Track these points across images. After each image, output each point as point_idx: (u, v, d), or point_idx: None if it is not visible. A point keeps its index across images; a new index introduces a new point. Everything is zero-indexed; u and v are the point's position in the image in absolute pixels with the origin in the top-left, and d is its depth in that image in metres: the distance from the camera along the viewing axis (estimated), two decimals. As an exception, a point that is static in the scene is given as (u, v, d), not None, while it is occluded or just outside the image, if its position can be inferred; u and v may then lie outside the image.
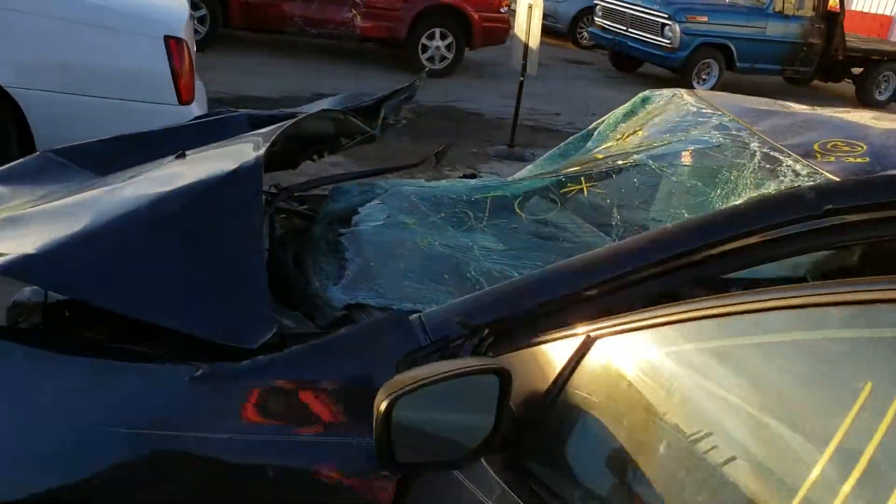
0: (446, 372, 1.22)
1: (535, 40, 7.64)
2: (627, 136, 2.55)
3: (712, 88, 11.96)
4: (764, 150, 1.90)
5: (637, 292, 1.60)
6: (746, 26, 12.03)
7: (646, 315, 1.19)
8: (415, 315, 1.64)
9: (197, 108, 4.61)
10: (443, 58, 10.46)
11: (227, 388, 1.52)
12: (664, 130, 2.35)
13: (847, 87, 13.68)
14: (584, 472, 1.28)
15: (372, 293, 1.81)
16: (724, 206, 1.77)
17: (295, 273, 1.96)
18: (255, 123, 2.54)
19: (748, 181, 1.81)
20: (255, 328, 1.60)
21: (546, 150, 8.48)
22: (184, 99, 4.48)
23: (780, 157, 1.85)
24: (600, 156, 2.35)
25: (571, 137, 3.09)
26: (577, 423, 1.29)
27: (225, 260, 1.68)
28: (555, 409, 1.31)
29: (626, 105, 2.97)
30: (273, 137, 1.96)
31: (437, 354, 1.59)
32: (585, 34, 14.65)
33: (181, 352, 1.66)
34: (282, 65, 9.64)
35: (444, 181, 2.75)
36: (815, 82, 13.83)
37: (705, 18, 11.78)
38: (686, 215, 1.81)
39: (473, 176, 3.07)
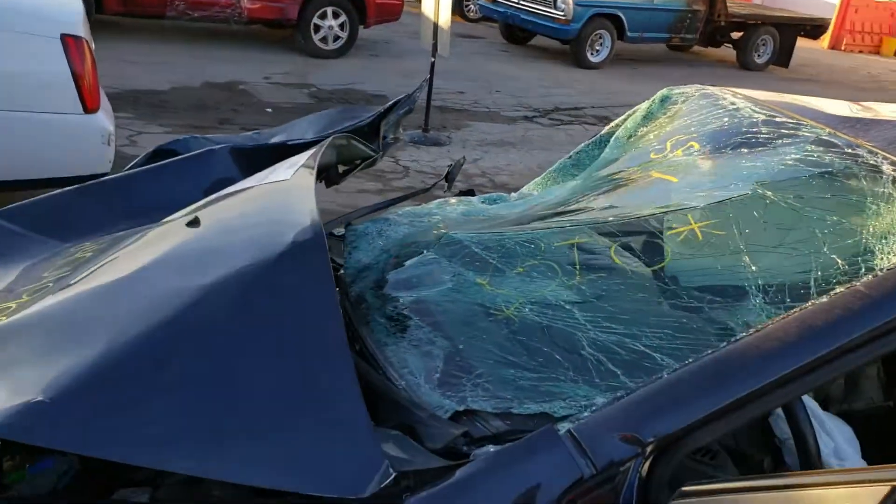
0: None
1: (445, 19, 7.26)
2: (673, 147, 2.23)
3: (605, 59, 11.94)
4: (906, 175, 1.61)
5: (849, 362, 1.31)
6: (636, -4, 12.04)
7: None
8: (562, 430, 1.27)
9: (104, 117, 3.97)
10: (336, 37, 9.88)
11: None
12: (730, 143, 2.04)
13: (726, 51, 14.00)
14: None
15: (481, 392, 1.41)
16: (891, 250, 1.47)
17: (358, 361, 1.53)
18: (241, 158, 2.06)
19: (909, 214, 1.52)
20: (362, 468, 1.17)
21: (459, 133, 8.18)
22: (89, 106, 3.84)
23: (932, 185, 1.57)
24: (666, 175, 2.01)
25: (582, 145, 2.74)
26: None
27: (305, 379, 1.23)
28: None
29: (642, 106, 2.64)
30: (312, 191, 1.51)
31: (608, 487, 1.23)
32: (473, 7, 14.32)
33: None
34: (166, 52, 8.80)
35: (474, 202, 2.35)
36: (696, 48, 14.09)
37: (596, -11, 11.69)
38: (841, 262, 1.51)
39: (471, 192, 2.67)
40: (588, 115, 9.24)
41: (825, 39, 17.29)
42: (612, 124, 2.72)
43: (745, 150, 1.96)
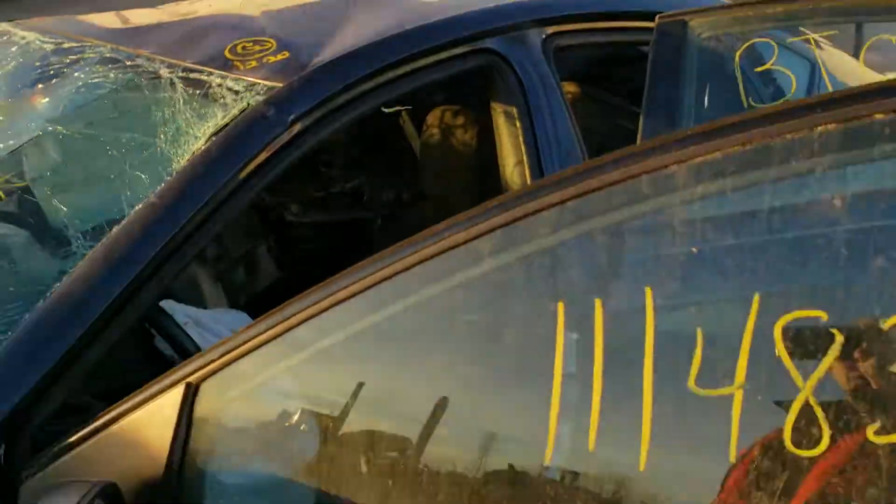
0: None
1: None
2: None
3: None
4: (180, 75, 1.67)
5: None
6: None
7: (251, 334, 0.97)
8: None
9: None
10: None
11: None
12: (26, 83, 1.90)
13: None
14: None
15: None
16: (183, 151, 1.53)
17: None
18: None
19: (188, 115, 1.58)
20: None
21: None
22: None
23: (204, 78, 1.65)
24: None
25: None
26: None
27: None
28: (189, 494, 1.02)
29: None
30: None
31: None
32: None
33: None
34: None
35: None
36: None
37: None
38: (145, 178, 1.52)
39: None
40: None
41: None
42: None
43: (41, 87, 1.85)
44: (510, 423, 0.86)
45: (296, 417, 1.03)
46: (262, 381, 1.02)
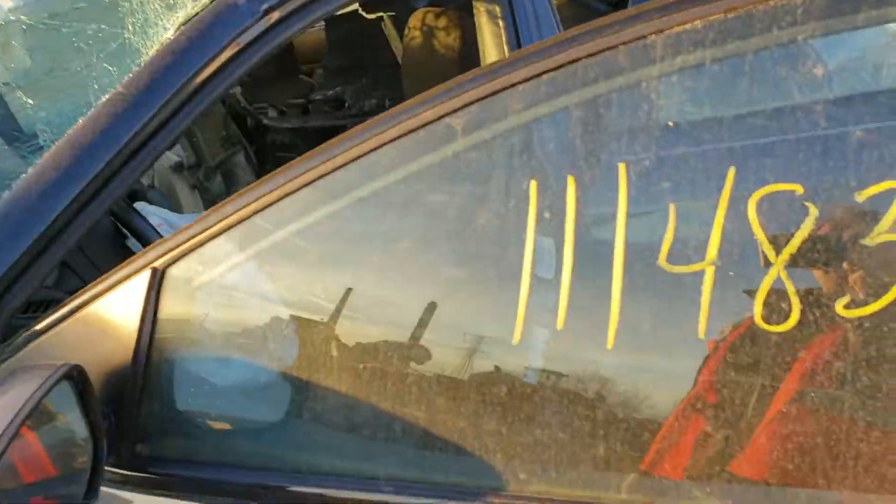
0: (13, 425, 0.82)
1: None
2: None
3: None
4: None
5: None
6: None
7: (217, 218, 0.95)
8: None
9: None
10: None
11: None
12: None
13: None
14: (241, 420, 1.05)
15: None
16: (151, 42, 1.47)
17: None
18: None
19: (157, 6, 1.52)
20: None
21: None
22: None
23: (173, -33, 1.58)
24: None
25: None
26: (201, 374, 1.03)
27: None
28: (156, 379, 1.01)
29: None
30: None
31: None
32: None
33: None
34: None
35: None
36: None
37: None
38: (113, 70, 1.47)
39: None
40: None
41: None
42: None
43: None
44: (478, 301, 0.85)
45: (264, 306, 1.02)
46: (230, 268, 1.00)
